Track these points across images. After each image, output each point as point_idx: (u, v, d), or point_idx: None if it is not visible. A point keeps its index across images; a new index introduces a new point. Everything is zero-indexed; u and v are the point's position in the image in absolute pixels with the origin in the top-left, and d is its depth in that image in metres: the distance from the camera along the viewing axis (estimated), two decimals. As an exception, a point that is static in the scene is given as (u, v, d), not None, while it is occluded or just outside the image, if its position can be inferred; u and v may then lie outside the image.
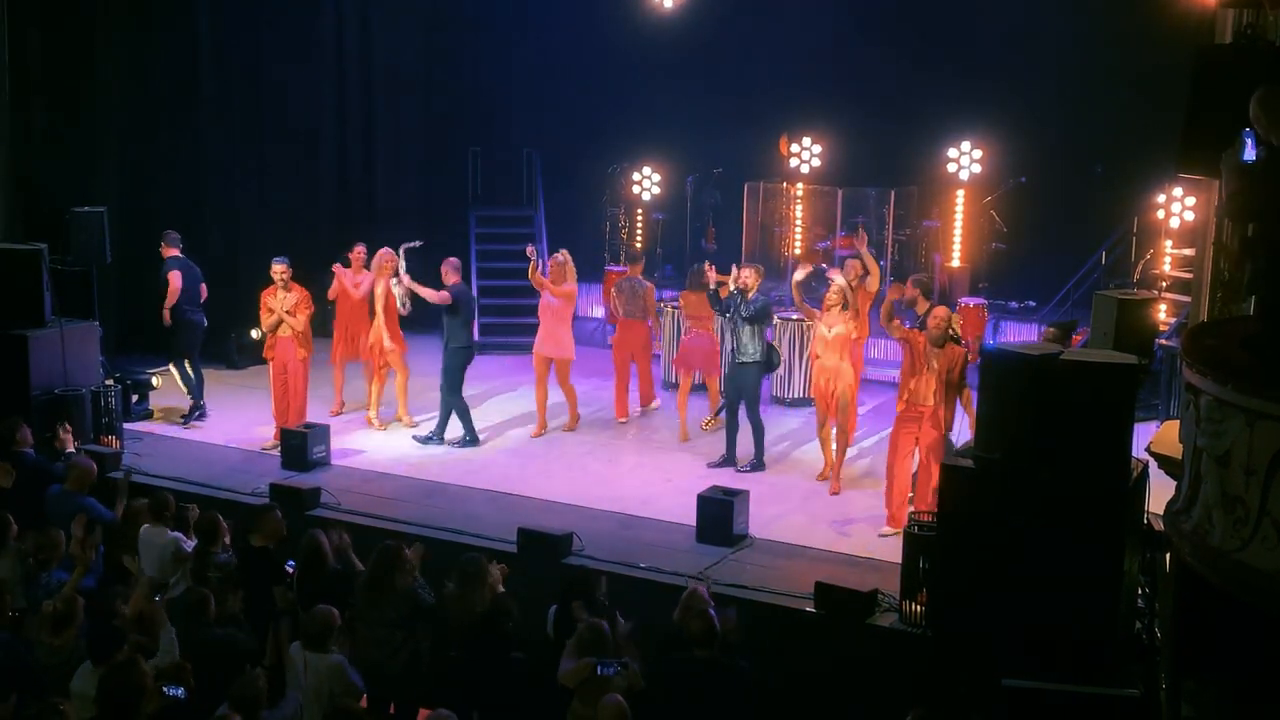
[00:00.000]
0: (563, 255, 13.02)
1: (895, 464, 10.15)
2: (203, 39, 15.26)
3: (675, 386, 13.44)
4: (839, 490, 11.21)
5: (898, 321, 10.41)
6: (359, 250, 13.28)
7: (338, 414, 13.17)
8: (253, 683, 6.66)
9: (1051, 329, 10.49)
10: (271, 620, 8.30)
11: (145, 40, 14.93)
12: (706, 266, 12.36)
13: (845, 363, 11.28)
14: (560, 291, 12.72)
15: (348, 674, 7.26)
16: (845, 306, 11.28)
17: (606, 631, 7.30)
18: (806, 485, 11.46)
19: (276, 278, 12.20)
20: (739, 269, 12.17)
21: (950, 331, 10.05)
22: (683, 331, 13.80)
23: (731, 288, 11.90)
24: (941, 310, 10.30)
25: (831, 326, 11.26)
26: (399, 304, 12.60)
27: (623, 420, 13.29)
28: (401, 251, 12.68)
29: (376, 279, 12.82)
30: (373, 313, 12.91)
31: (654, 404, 13.74)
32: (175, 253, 13.31)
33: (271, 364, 12.36)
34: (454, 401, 12.41)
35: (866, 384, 13.47)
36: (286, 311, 12.13)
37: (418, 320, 13.54)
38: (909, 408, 10.07)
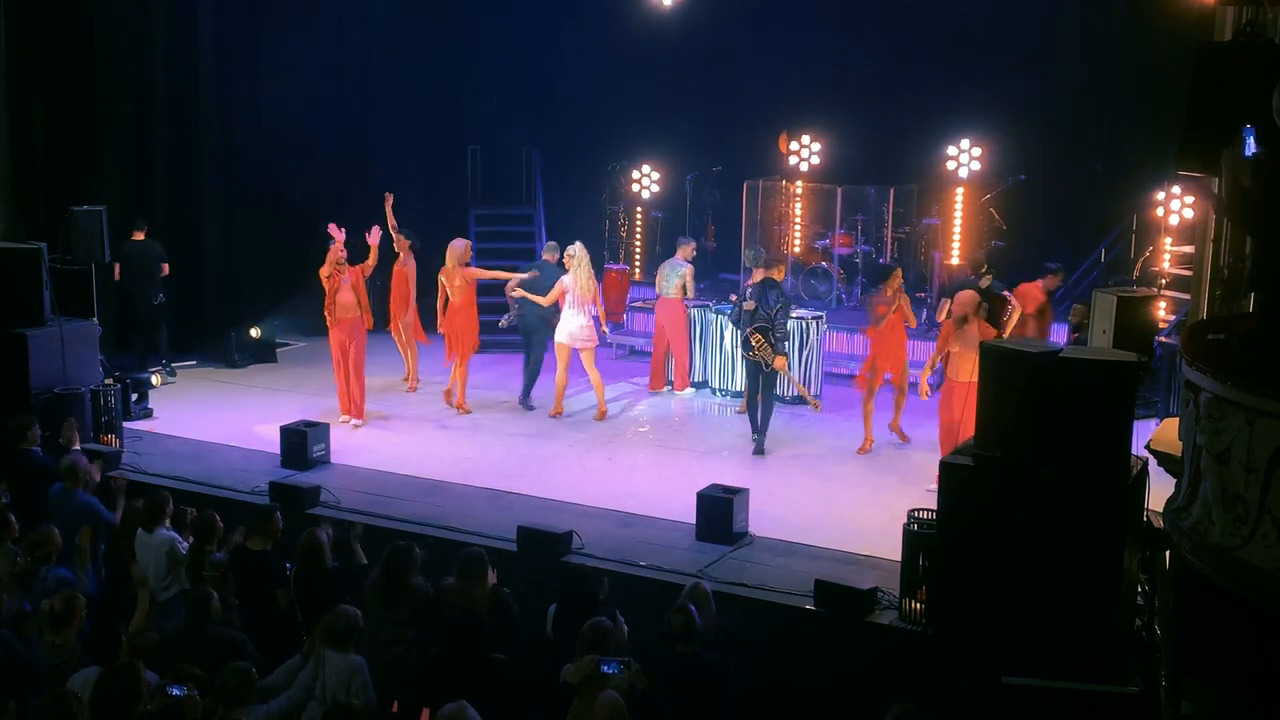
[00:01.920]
0: (570, 249, 13.27)
1: (943, 427, 10.95)
2: (203, 37, 15.26)
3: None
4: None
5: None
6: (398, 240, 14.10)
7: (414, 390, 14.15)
8: (236, 673, 6.62)
9: (1080, 306, 11.36)
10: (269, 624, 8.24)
11: (145, 38, 14.94)
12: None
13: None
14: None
15: (365, 676, 7.24)
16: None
17: (610, 629, 7.29)
18: (807, 482, 11.46)
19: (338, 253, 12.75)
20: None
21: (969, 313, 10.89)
22: None
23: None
24: (963, 295, 11.08)
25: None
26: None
27: (655, 391, 14.19)
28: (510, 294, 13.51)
29: (457, 267, 13.33)
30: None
31: (687, 390, 14.22)
32: (136, 236, 14.27)
33: (333, 345, 12.77)
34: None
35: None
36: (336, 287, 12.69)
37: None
38: (948, 381, 10.92)
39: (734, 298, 13.09)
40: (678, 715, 7.21)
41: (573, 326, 13.15)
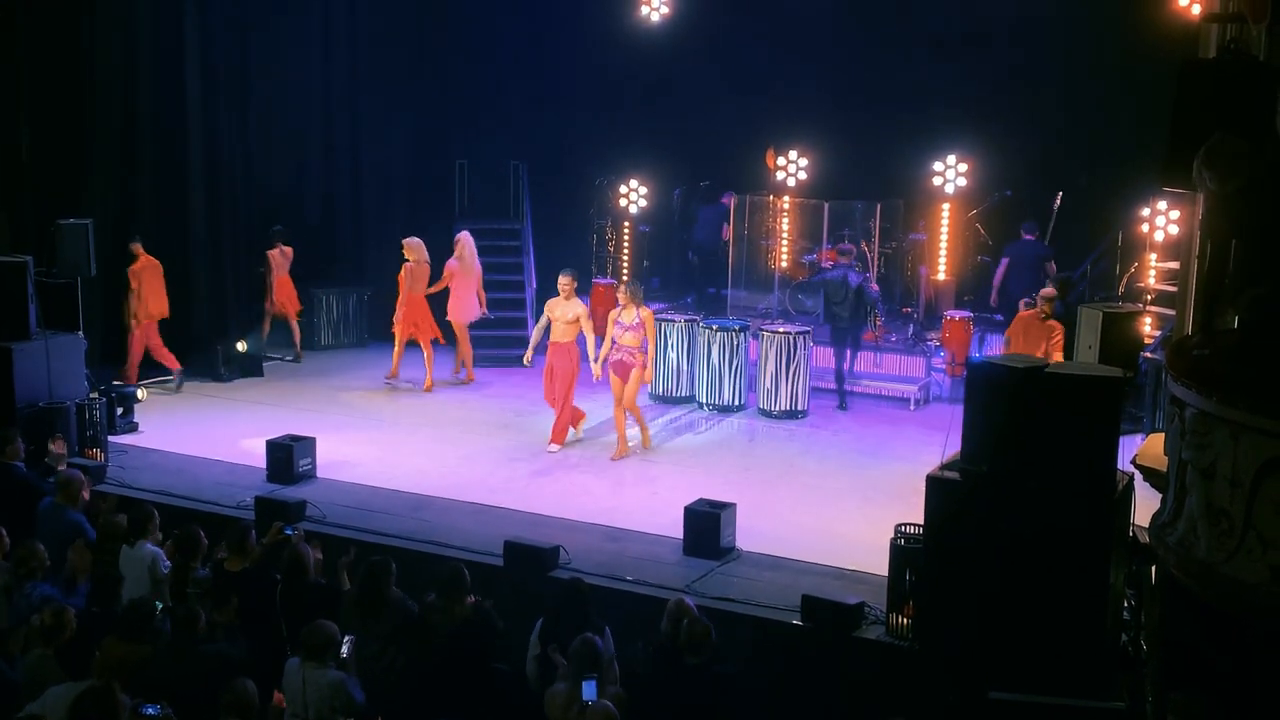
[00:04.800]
0: (458, 235, 15.07)
1: None
2: (190, 53, 15.22)
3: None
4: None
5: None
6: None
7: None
8: (244, 690, 6.61)
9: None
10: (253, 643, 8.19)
11: (132, 53, 14.89)
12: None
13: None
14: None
15: (349, 689, 7.22)
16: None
17: (601, 646, 7.24)
18: (795, 497, 11.46)
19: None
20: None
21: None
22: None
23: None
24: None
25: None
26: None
27: (553, 447, 12.62)
28: None
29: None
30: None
31: (557, 447, 12.72)
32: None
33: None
34: None
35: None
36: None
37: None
38: None
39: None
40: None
41: (462, 305, 14.74)
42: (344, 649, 7.33)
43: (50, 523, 9.25)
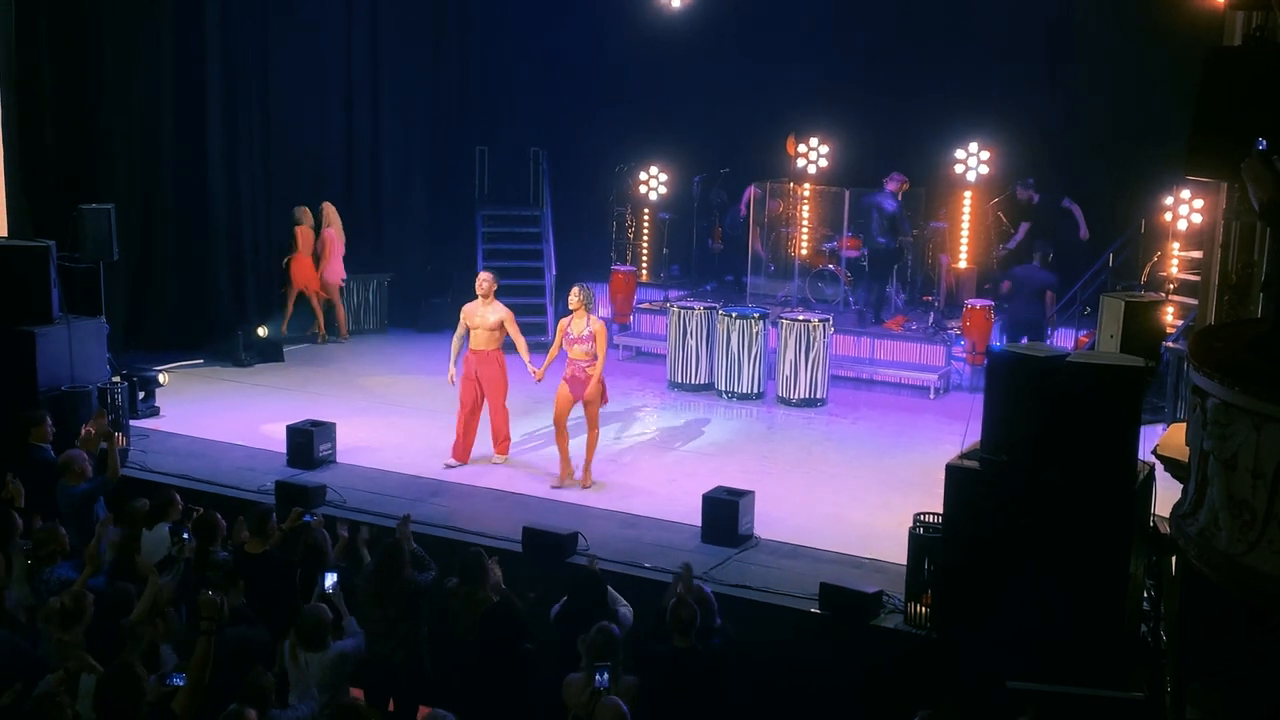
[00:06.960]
0: (322, 206, 16.34)
1: None
2: (210, 38, 15.26)
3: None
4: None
5: None
6: None
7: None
8: (261, 680, 6.67)
9: None
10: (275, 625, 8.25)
11: (153, 38, 14.93)
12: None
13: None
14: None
15: (347, 655, 7.36)
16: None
17: (615, 636, 7.26)
18: (813, 485, 11.45)
19: None
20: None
21: None
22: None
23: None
24: None
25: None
26: None
27: (452, 464, 11.63)
28: None
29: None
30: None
31: (503, 458, 11.89)
32: None
33: None
34: None
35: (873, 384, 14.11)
36: None
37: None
38: None
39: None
40: (670, 707, 7.20)
41: (337, 269, 16.25)
42: (328, 586, 7.41)
43: (62, 504, 9.34)
